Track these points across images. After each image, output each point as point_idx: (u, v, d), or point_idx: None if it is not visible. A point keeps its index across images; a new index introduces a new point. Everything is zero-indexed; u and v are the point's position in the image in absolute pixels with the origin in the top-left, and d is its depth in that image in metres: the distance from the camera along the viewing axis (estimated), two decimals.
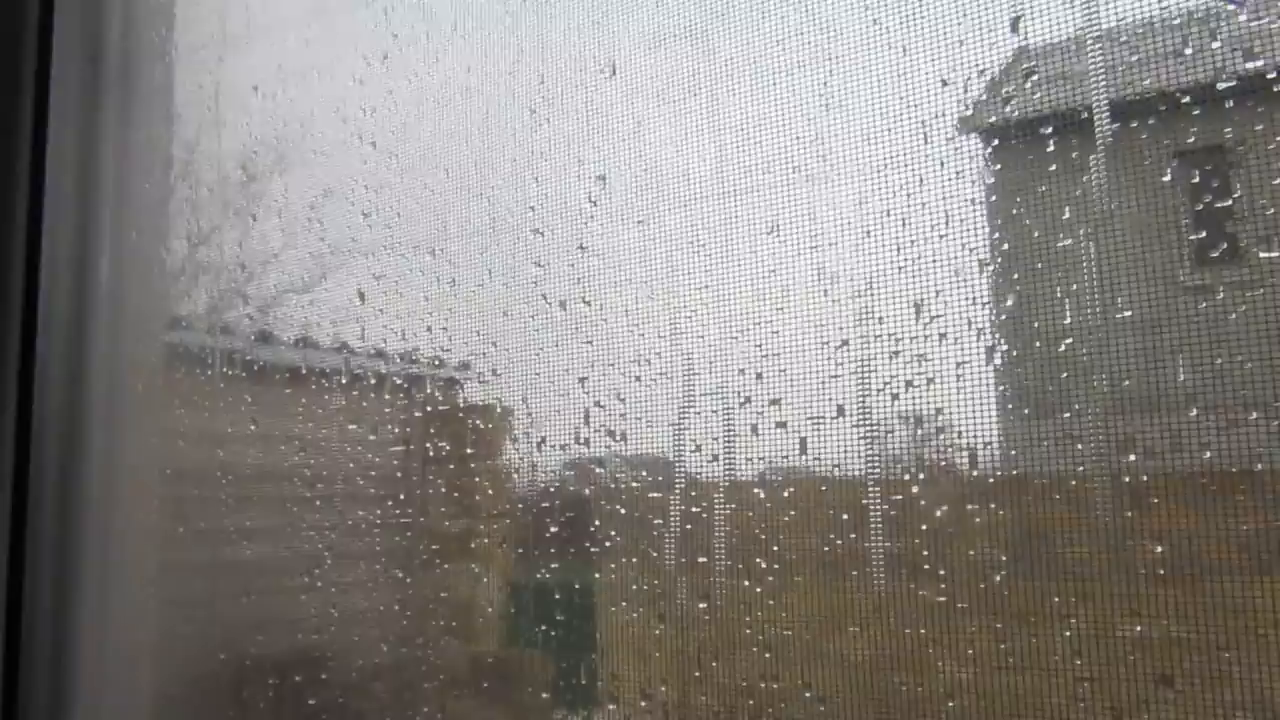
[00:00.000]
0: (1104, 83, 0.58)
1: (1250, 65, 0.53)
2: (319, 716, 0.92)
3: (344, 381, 0.95)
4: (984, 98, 0.61)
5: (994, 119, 0.61)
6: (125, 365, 1.11)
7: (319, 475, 0.96)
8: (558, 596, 0.74)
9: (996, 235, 0.60)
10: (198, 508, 1.09)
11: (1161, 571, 0.53)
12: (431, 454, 0.86)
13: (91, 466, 1.08)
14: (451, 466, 0.84)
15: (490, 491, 0.81)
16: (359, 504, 0.92)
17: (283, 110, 1.04)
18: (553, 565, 0.75)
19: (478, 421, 0.83)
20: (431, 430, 0.86)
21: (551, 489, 0.76)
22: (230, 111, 1.08)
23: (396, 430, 0.91)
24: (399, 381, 0.90)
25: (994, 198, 0.60)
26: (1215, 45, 0.54)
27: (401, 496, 0.88)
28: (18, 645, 1.01)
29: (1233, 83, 0.54)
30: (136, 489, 1.11)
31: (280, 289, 1.04)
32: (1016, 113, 0.60)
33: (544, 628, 0.75)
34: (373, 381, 0.92)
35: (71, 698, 1.03)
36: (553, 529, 0.75)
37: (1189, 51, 0.55)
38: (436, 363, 0.87)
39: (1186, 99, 0.55)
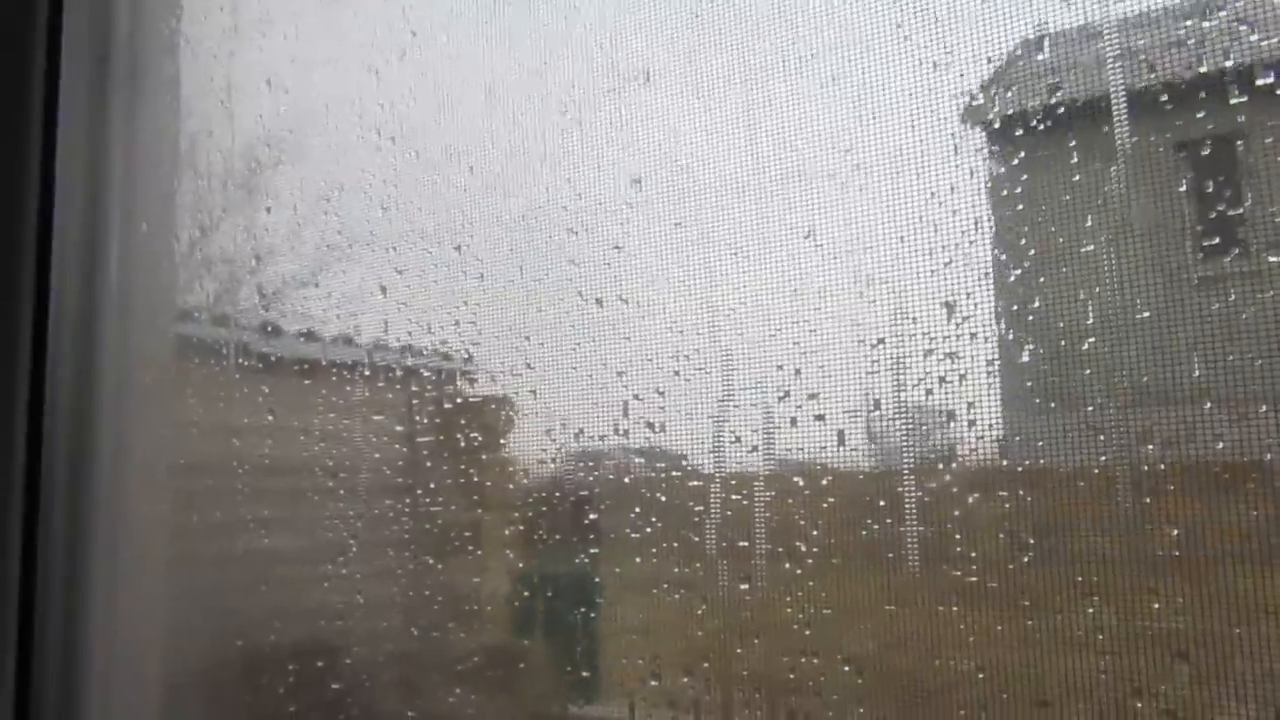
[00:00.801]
0: (1124, 91, 0.62)
1: (1262, 81, 0.58)
2: (337, 706, 0.95)
3: (367, 374, 0.97)
4: (1010, 110, 0.65)
5: (1019, 131, 0.65)
6: (135, 358, 1.12)
7: (340, 467, 0.98)
8: (597, 579, 0.78)
9: (1023, 239, 0.64)
10: (210, 500, 1.11)
11: (1176, 553, 0.58)
12: (463, 445, 0.88)
13: (102, 460, 1.09)
14: (484, 457, 0.87)
15: (525, 481, 0.84)
16: (383, 494, 0.95)
17: (296, 103, 1.05)
18: (591, 551, 0.79)
19: (508, 412, 0.86)
20: (462, 421, 0.89)
21: (590, 478, 0.79)
22: (241, 104, 1.08)
23: (425, 421, 0.93)
24: (427, 374, 0.93)
25: (1020, 205, 0.64)
26: (1227, 62, 0.59)
27: (431, 485, 0.91)
28: (30, 641, 1.02)
29: (1245, 98, 0.58)
30: (147, 482, 1.13)
31: (296, 281, 1.06)
32: (1043, 124, 0.64)
33: (581, 611, 0.79)
34: (399, 373, 0.95)
35: (83, 693, 1.05)
36: (591, 516, 0.79)
37: (1204, 68, 0.59)
38: (465, 356, 0.90)
39: (1200, 111, 0.59)
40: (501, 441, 0.86)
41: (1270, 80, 0.57)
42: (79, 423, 1.09)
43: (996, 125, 0.65)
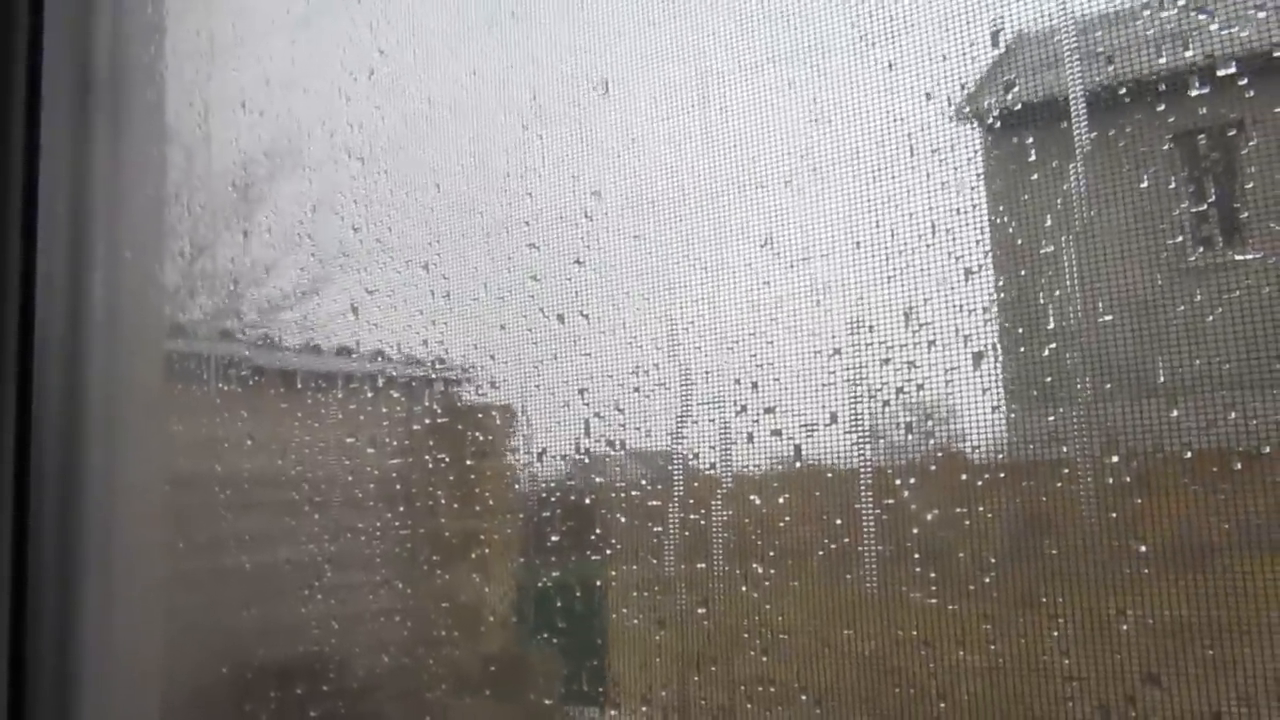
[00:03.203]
0: (1082, 88, 0.60)
1: (1223, 73, 0.55)
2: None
3: (340, 396, 0.96)
4: (966, 109, 0.63)
5: (977, 131, 0.63)
6: (122, 382, 1.11)
7: (317, 483, 0.97)
8: (559, 603, 0.76)
9: (981, 243, 0.62)
10: (198, 518, 1.10)
11: (1146, 571, 0.55)
12: (430, 465, 0.87)
13: (91, 484, 1.08)
14: (450, 478, 0.85)
15: (490, 501, 0.82)
16: (356, 512, 0.93)
17: (270, 125, 1.05)
18: (553, 573, 0.76)
19: (476, 433, 0.85)
20: (431, 442, 0.87)
21: (552, 499, 0.77)
22: (219, 128, 1.08)
23: (394, 442, 0.92)
24: (395, 395, 0.91)
25: (978, 206, 0.62)
26: (1189, 53, 0.56)
27: (401, 508, 0.89)
28: (23, 662, 1.02)
29: (1205, 89, 0.56)
30: (137, 503, 1.12)
31: (273, 304, 1.05)
32: (999, 123, 0.62)
33: (547, 631, 0.77)
34: (369, 395, 0.93)
35: (77, 713, 1.04)
36: (554, 538, 0.77)
37: (1163, 59, 0.57)
38: (433, 375, 0.88)
39: (1161, 105, 0.57)
40: (467, 463, 0.84)
41: (1231, 71, 0.54)
42: (67, 445, 1.08)
43: (953, 127, 0.63)
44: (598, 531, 0.74)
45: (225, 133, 1.07)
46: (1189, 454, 0.54)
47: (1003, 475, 0.59)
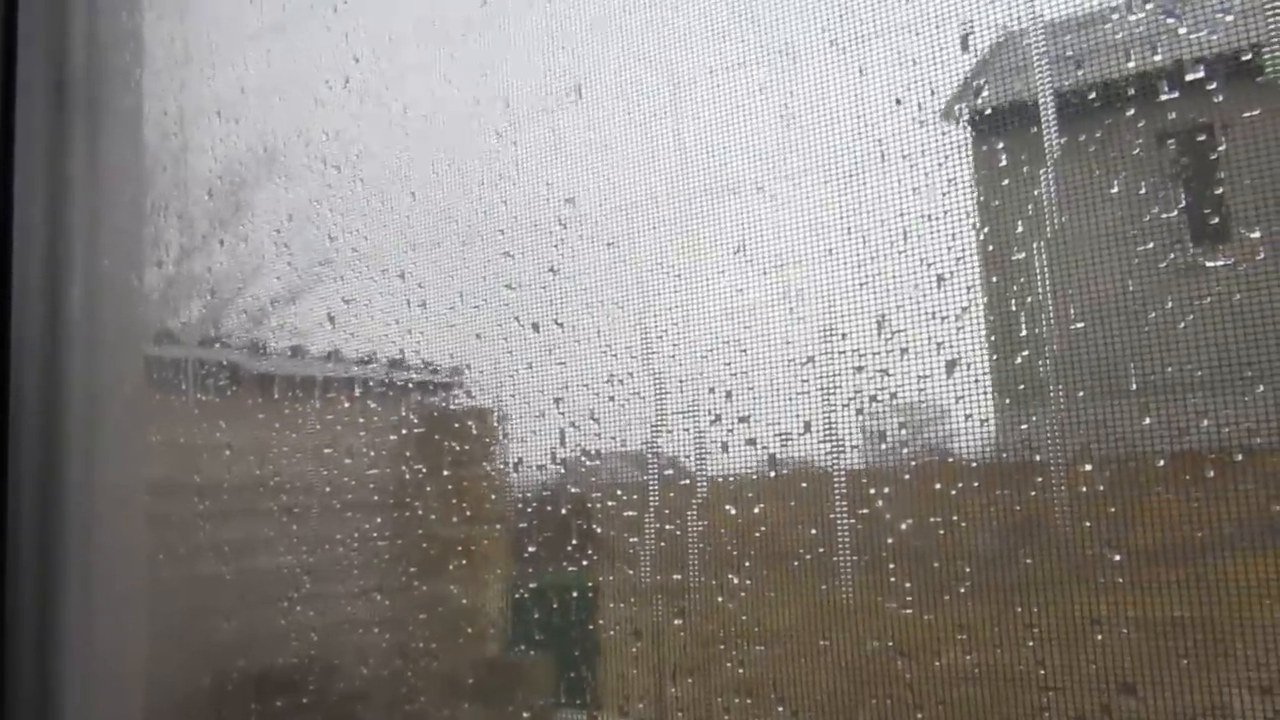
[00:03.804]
0: (1052, 94, 0.59)
1: (1191, 77, 0.55)
2: None
3: (317, 405, 0.96)
4: (936, 115, 0.62)
5: (948, 136, 0.62)
6: (101, 388, 1.11)
7: (295, 491, 0.96)
8: (536, 615, 0.75)
9: (953, 250, 0.61)
10: (178, 525, 1.09)
11: (1120, 580, 0.54)
12: (407, 476, 0.86)
13: (71, 488, 1.07)
14: (427, 487, 0.84)
15: (467, 511, 0.82)
16: (334, 521, 0.92)
17: (247, 133, 1.04)
18: (531, 584, 0.76)
19: (452, 443, 0.84)
20: (407, 452, 0.87)
21: (529, 509, 0.76)
22: (196, 135, 1.08)
23: (371, 451, 0.91)
24: (371, 404, 0.90)
25: (949, 213, 0.61)
26: (1157, 57, 0.56)
27: (378, 519, 0.89)
28: (2, 667, 1.01)
29: (1175, 94, 0.55)
30: (117, 511, 1.11)
31: (250, 312, 1.05)
32: (969, 129, 0.61)
33: (525, 641, 0.76)
34: (345, 404, 0.93)
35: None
36: (530, 548, 0.76)
37: (1132, 63, 0.56)
38: (409, 384, 0.88)
39: (1131, 110, 0.56)
40: (444, 474, 0.84)
41: (1200, 75, 0.54)
42: (45, 456, 1.08)
43: (924, 132, 0.62)
44: (574, 541, 0.74)
45: (202, 140, 1.06)
46: (1162, 461, 0.54)
47: (977, 484, 0.59)
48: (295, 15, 0.98)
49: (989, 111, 0.61)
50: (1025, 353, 0.58)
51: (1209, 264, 0.54)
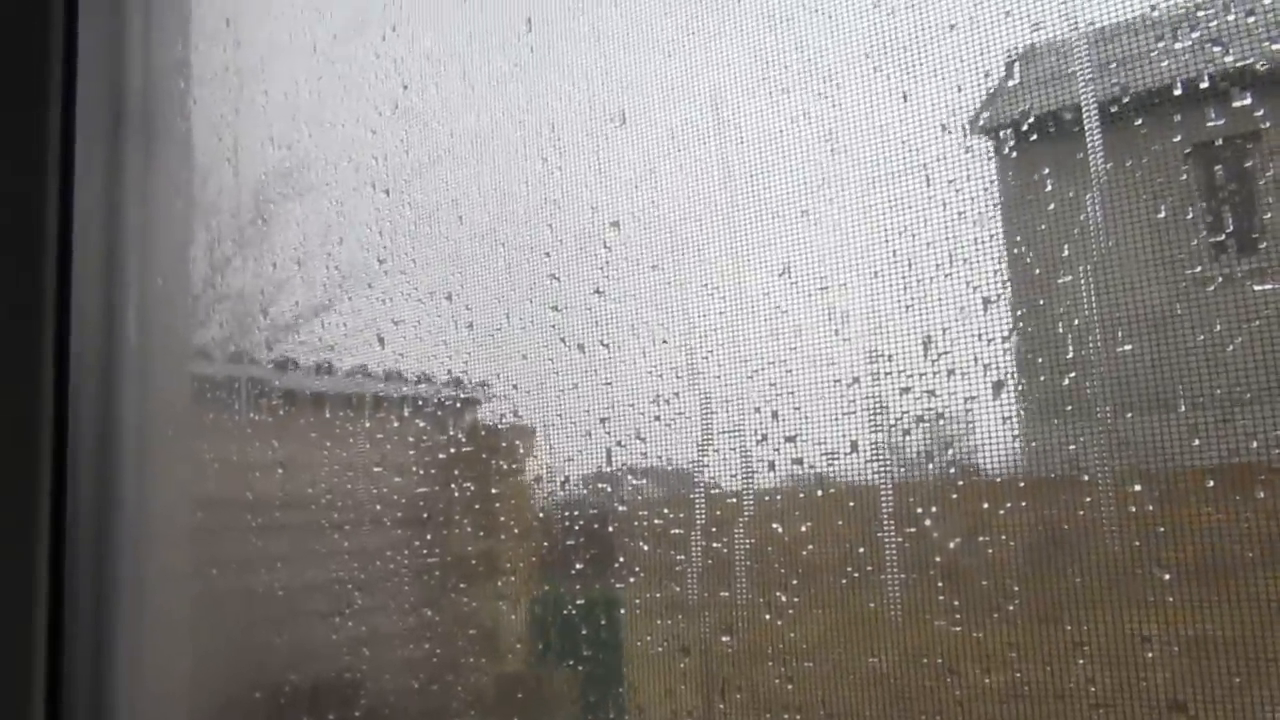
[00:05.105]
0: (1098, 118, 0.60)
1: (1239, 103, 0.55)
2: None
3: (367, 425, 0.98)
4: (982, 139, 0.63)
5: (992, 158, 0.63)
6: (155, 408, 1.13)
7: (342, 512, 0.98)
8: (584, 630, 0.76)
9: (999, 272, 0.62)
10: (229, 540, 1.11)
11: (1170, 599, 0.55)
12: (456, 495, 0.88)
13: (124, 511, 1.10)
14: (476, 505, 0.86)
15: (515, 529, 0.83)
16: (382, 543, 0.94)
17: (297, 159, 1.07)
18: (578, 600, 0.77)
19: (500, 461, 0.86)
20: (455, 471, 0.89)
21: (576, 526, 0.78)
22: (247, 161, 1.11)
23: (420, 470, 0.93)
24: (421, 424, 0.92)
25: (995, 236, 0.62)
26: (1204, 84, 0.56)
27: (428, 536, 0.90)
28: (59, 685, 1.03)
29: (1221, 120, 0.56)
30: (168, 527, 1.14)
31: (302, 333, 1.07)
32: (1015, 153, 0.62)
33: (571, 656, 0.77)
34: (395, 424, 0.95)
35: None
36: (578, 565, 0.77)
37: (1178, 90, 0.57)
38: (457, 404, 0.90)
39: (1178, 135, 0.57)
40: (493, 492, 0.85)
41: (1247, 102, 0.55)
42: (102, 474, 1.11)
43: (969, 156, 0.63)
44: (621, 559, 0.75)
45: (253, 166, 1.09)
46: (1211, 481, 0.54)
47: (1024, 503, 0.59)
48: (345, 43, 1.00)
49: (1034, 136, 0.62)
50: (1073, 374, 0.59)
51: (1257, 287, 0.54)
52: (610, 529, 0.75)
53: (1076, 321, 0.59)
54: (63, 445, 1.08)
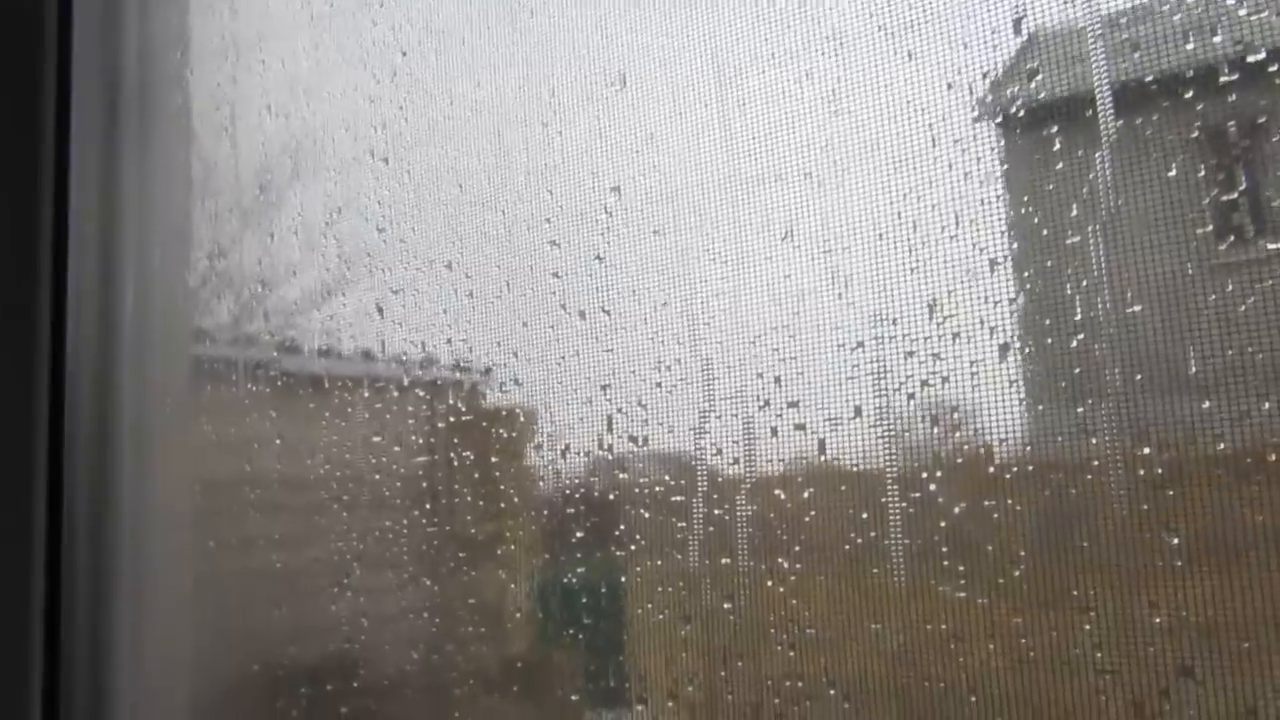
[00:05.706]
0: (1107, 76, 0.59)
1: (1253, 58, 0.54)
2: None
3: (366, 395, 0.97)
4: (988, 99, 0.62)
5: (999, 122, 0.62)
6: (152, 387, 1.13)
7: (341, 484, 0.97)
8: (584, 600, 0.76)
9: (1005, 234, 0.61)
10: (228, 520, 1.11)
11: (1179, 564, 0.54)
12: (456, 464, 0.87)
13: (122, 487, 1.10)
14: (475, 475, 0.85)
15: (515, 498, 0.83)
16: (384, 511, 0.94)
17: (296, 129, 1.05)
18: (578, 569, 0.77)
19: (500, 430, 0.85)
20: (455, 440, 0.88)
21: (576, 495, 0.77)
22: (245, 132, 1.09)
23: (418, 439, 0.92)
24: (420, 393, 0.92)
25: (1001, 197, 0.61)
26: (1217, 39, 0.55)
27: (428, 505, 0.90)
28: (56, 676, 1.03)
29: (1235, 76, 0.55)
30: (168, 506, 1.13)
31: (299, 305, 1.06)
32: (1022, 112, 0.61)
33: (573, 626, 0.77)
34: (395, 394, 0.94)
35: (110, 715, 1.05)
36: (578, 534, 0.77)
37: (1191, 45, 0.56)
38: (458, 372, 0.89)
39: (1190, 92, 0.56)
40: (493, 460, 0.85)
41: (1261, 58, 0.53)
42: (99, 451, 1.10)
43: (974, 117, 0.62)
44: (621, 527, 0.74)
45: (251, 137, 1.08)
46: (1222, 445, 0.53)
47: (1031, 468, 0.59)
48: (343, 9, 0.99)
49: (1042, 95, 0.60)
50: (1081, 335, 0.58)
51: (1270, 247, 0.53)
52: (611, 496, 0.75)
53: (1085, 283, 0.58)
54: (59, 428, 1.07)
